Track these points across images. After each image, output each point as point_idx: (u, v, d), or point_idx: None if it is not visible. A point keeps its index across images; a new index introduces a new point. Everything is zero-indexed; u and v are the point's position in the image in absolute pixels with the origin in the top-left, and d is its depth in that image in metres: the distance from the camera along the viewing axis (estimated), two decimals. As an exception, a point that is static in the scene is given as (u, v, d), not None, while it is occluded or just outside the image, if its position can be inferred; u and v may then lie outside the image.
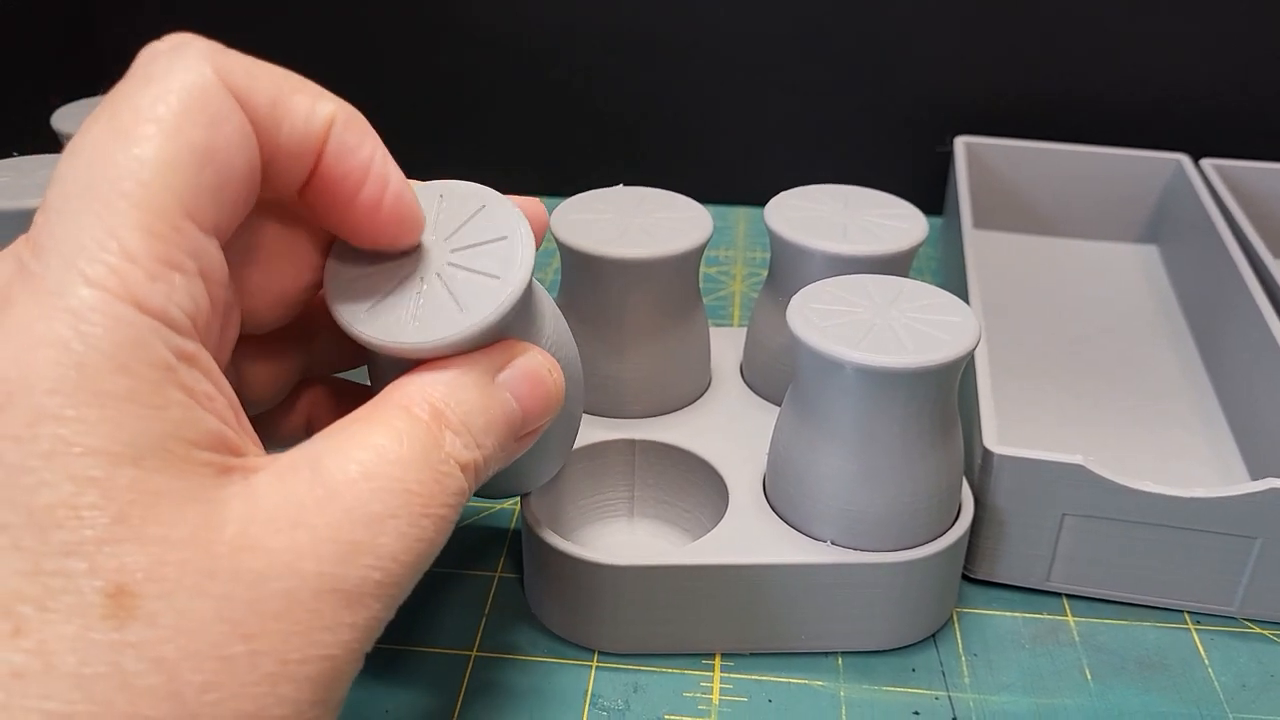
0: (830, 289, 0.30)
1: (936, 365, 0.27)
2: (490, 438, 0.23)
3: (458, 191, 0.25)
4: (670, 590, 0.30)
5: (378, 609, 0.20)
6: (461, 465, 0.22)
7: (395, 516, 0.20)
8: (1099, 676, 0.31)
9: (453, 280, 0.23)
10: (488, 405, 0.23)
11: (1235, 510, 0.31)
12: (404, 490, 0.21)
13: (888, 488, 0.29)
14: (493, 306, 0.23)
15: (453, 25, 0.55)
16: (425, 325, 0.23)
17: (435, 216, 0.25)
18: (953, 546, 0.30)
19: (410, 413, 0.22)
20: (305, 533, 0.19)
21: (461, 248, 0.24)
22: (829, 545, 0.30)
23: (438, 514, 0.21)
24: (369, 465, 0.21)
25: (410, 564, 0.21)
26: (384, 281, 0.24)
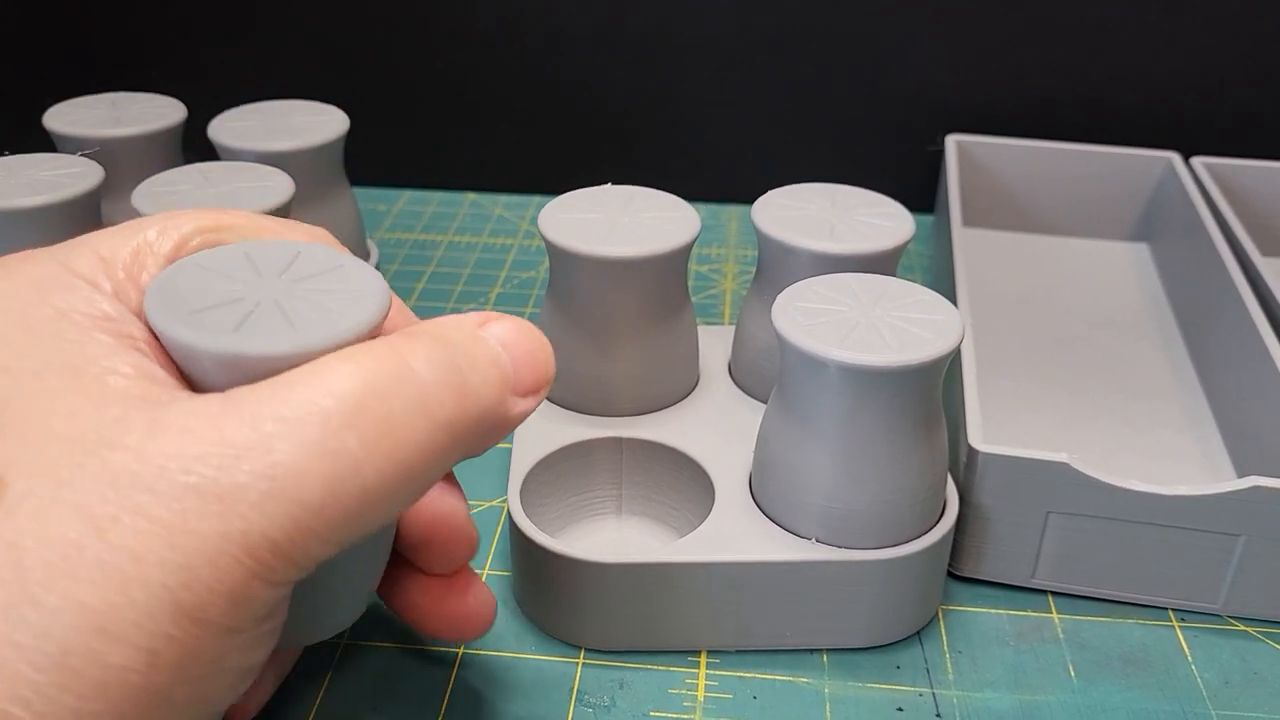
0: (815, 288, 0.30)
1: (919, 364, 0.27)
2: (475, 370, 0.21)
3: (319, 251, 0.23)
4: (656, 588, 0.30)
5: (262, 524, 0.18)
6: (431, 386, 0.20)
7: (303, 423, 0.19)
8: (1083, 673, 0.31)
9: (303, 302, 0.22)
10: (469, 343, 0.22)
11: (1219, 508, 0.31)
12: (326, 397, 0.19)
13: (872, 485, 0.29)
14: (372, 306, 0.21)
15: (441, 25, 0.56)
16: (299, 332, 0.20)
17: (289, 263, 0.23)
18: (937, 544, 0.30)
19: (373, 340, 0.21)
20: (188, 437, 0.19)
21: (311, 289, 0.22)
22: (814, 543, 0.30)
23: (372, 430, 0.19)
24: (292, 378, 0.19)
25: (318, 480, 0.19)
26: (220, 300, 0.21)
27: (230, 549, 0.18)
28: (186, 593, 0.18)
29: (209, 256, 0.23)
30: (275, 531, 0.19)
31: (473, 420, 0.21)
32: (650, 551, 0.31)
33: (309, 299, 0.21)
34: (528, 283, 0.51)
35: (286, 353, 0.20)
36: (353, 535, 0.20)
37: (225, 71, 0.57)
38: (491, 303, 0.49)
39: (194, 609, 0.18)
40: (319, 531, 0.19)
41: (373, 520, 0.20)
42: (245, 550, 0.18)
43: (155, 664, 0.18)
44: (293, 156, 0.41)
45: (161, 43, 0.57)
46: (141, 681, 0.18)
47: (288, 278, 0.22)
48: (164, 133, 0.43)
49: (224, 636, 0.19)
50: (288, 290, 0.22)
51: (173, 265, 0.22)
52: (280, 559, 0.19)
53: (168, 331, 0.20)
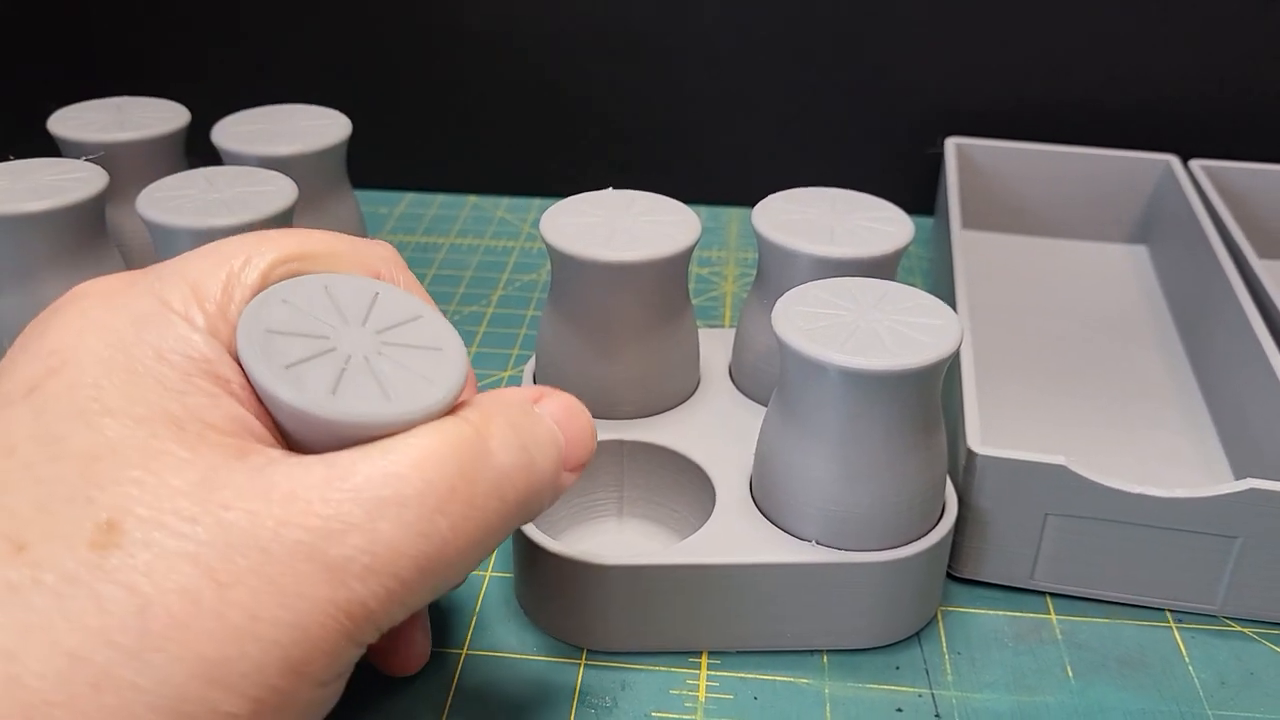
0: (815, 291, 0.31)
1: (918, 367, 0.28)
2: (540, 452, 0.23)
3: (396, 296, 0.25)
4: (657, 589, 0.30)
5: (363, 594, 0.20)
6: (507, 469, 0.22)
7: (404, 505, 0.20)
8: (1080, 674, 0.31)
9: (391, 362, 0.23)
10: (531, 422, 0.24)
11: (1216, 510, 0.31)
12: (422, 480, 0.21)
13: (871, 488, 0.29)
14: (455, 375, 0.23)
15: (442, 28, 0.56)
16: (393, 403, 0.22)
17: (369, 306, 0.24)
18: (936, 546, 0.31)
19: (454, 420, 0.22)
20: (299, 504, 0.20)
21: (394, 343, 0.23)
22: (814, 545, 0.30)
23: (460, 514, 0.21)
24: (392, 456, 0.21)
25: (411, 559, 0.20)
26: (313, 352, 0.22)
27: (336, 613, 0.20)
28: (295, 650, 0.19)
29: (292, 291, 0.23)
30: (372, 600, 0.20)
31: (534, 497, 0.23)
32: (651, 554, 0.31)
33: (396, 358, 0.23)
34: (529, 285, 0.51)
35: (384, 423, 0.21)
36: (428, 600, 0.22)
37: (228, 76, 0.58)
38: (493, 305, 0.49)
39: (299, 664, 0.19)
40: (405, 600, 0.21)
41: (445, 589, 0.22)
42: (347, 615, 0.20)
43: (258, 712, 0.19)
44: (296, 160, 0.41)
45: (165, 47, 0.57)
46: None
47: (371, 326, 0.23)
48: (167, 137, 0.43)
49: (316, 688, 0.20)
50: (374, 344, 0.23)
51: (258, 300, 0.23)
52: (371, 624, 0.21)
53: (270, 389, 0.21)
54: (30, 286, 0.36)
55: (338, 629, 0.20)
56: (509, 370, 0.45)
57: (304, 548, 0.19)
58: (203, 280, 0.23)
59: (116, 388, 0.21)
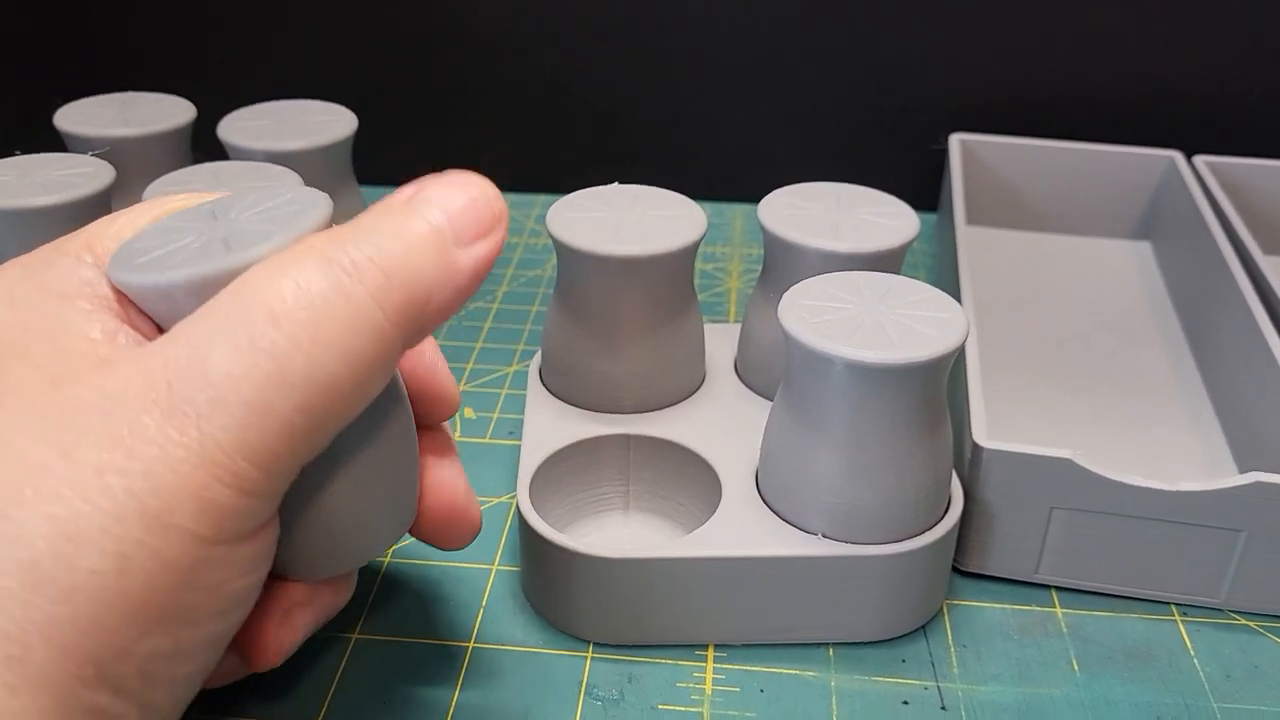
0: (821, 285, 0.31)
1: (924, 361, 0.28)
2: (396, 239, 0.21)
3: (273, 188, 0.24)
4: (663, 582, 0.30)
5: (217, 429, 0.19)
6: (346, 268, 0.21)
7: (231, 330, 0.20)
8: (1086, 667, 0.31)
9: (246, 231, 0.22)
10: (386, 215, 0.22)
11: (1221, 503, 0.31)
12: (245, 302, 0.20)
13: (877, 481, 0.29)
14: (303, 225, 0.22)
15: (447, 23, 0.56)
16: (228, 255, 0.21)
17: (246, 205, 0.23)
18: (942, 539, 0.31)
19: (293, 248, 0.21)
20: (137, 369, 0.20)
21: (254, 214, 0.23)
22: (820, 538, 0.30)
23: (294, 322, 0.20)
24: (222, 296, 0.21)
25: (255, 380, 0.20)
26: (172, 246, 0.23)
27: (187, 455, 0.19)
28: (152, 498, 0.19)
29: (179, 215, 0.24)
30: (223, 434, 0.20)
31: (412, 286, 0.21)
32: (657, 547, 0.32)
33: (251, 226, 0.22)
34: (534, 281, 0.51)
35: (216, 272, 0.21)
36: (314, 436, 0.21)
37: (234, 71, 0.58)
38: (499, 301, 0.49)
39: (160, 513, 0.19)
40: (273, 430, 0.20)
41: (330, 418, 0.21)
42: (201, 455, 0.19)
43: (126, 569, 0.19)
44: (302, 156, 0.41)
45: (171, 43, 0.57)
46: (114, 585, 0.19)
47: (236, 213, 0.23)
48: (174, 133, 0.43)
49: (197, 545, 0.20)
50: (232, 225, 0.22)
51: (144, 229, 0.24)
52: (240, 461, 0.20)
53: (114, 278, 0.22)
54: (37, 281, 0.36)
55: (198, 472, 0.19)
56: (514, 365, 0.45)
57: (145, 400, 0.20)
58: (100, 228, 0.24)
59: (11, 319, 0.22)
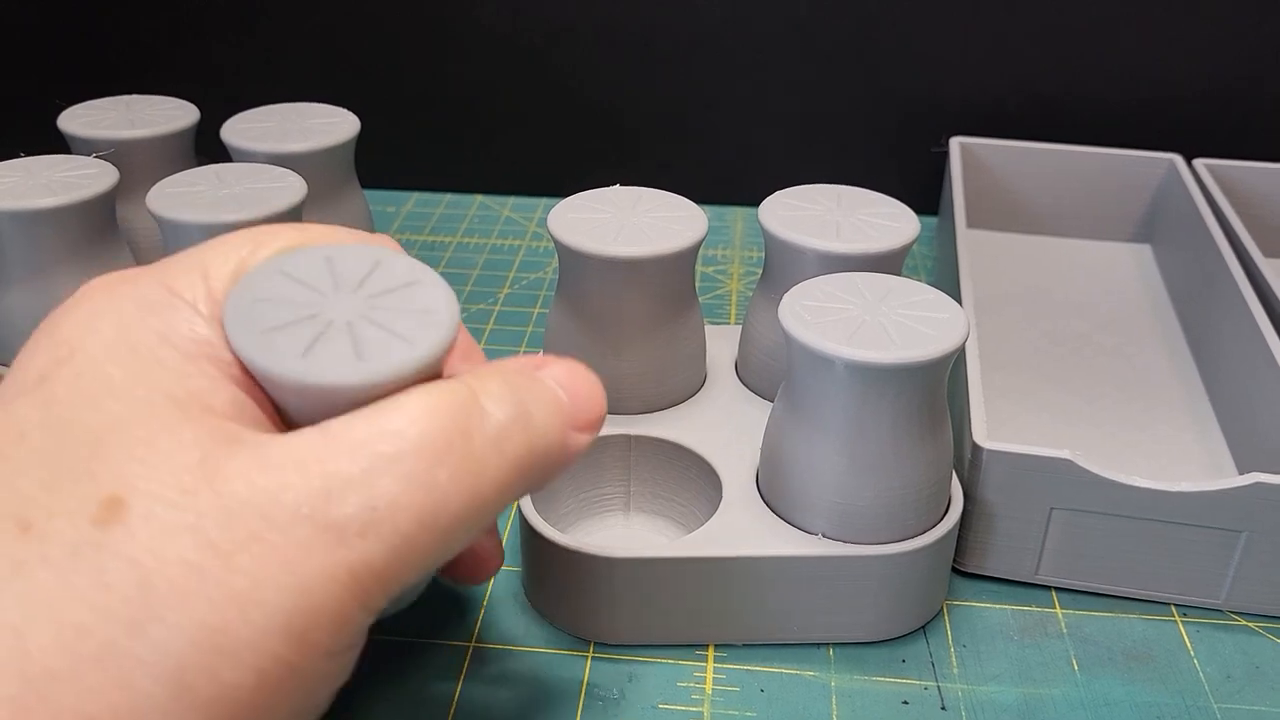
0: (822, 286, 0.31)
1: (926, 361, 0.28)
2: (539, 409, 0.23)
3: (399, 263, 0.24)
4: (664, 582, 0.30)
5: (366, 553, 0.20)
6: (504, 423, 0.22)
7: (400, 459, 0.20)
8: (1085, 667, 0.31)
9: (374, 325, 0.22)
10: (529, 384, 0.23)
11: (1221, 504, 0.31)
12: (418, 434, 0.20)
13: (878, 481, 0.29)
14: (437, 338, 0.21)
15: (450, 27, 0.56)
16: (365, 362, 0.21)
17: (366, 274, 0.23)
18: (942, 539, 0.31)
19: (446, 382, 0.22)
20: (295, 470, 0.20)
21: (383, 308, 0.22)
22: (820, 538, 0.30)
23: (459, 467, 0.21)
24: (386, 414, 0.21)
25: (413, 513, 0.20)
26: (293, 318, 0.22)
27: (339, 575, 0.20)
28: (299, 616, 0.19)
29: (290, 262, 0.23)
30: (377, 560, 0.20)
31: (540, 456, 0.23)
32: (658, 547, 0.32)
33: (381, 322, 0.22)
34: (535, 283, 0.51)
35: (353, 384, 0.21)
36: (436, 562, 0.21)
37: (237, 74, 0.58)
38: (500, 303, 0.50)
39: (303, 631, 0.19)
40: (411, 560, 0.20)
41: (452, 548, 0.22)
42: (351, 576, 0.20)
43: (262, 683, 0.19)
44: (304, 158, 0.41)
45: (174, 45, 0.58)
46: (247, 699, 0.19)
47: (365, 292, 0.22)
48: (177, 135, 0.43)
49: (323, 659, 0.20)
50: (362, 309, 0.22)
51: (255, 270, 0.23)
52: (378, 585, 0.20)
53: (242, 352, 0.21)
54: (42, 282, 0.37)
55: (343, 592, 0.20)
56: (516, 367, 0.45)
57: (304, 510, 0.19)
58: (210, 268, 0.23)
59: (121, 371, 0.21)
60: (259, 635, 0.19)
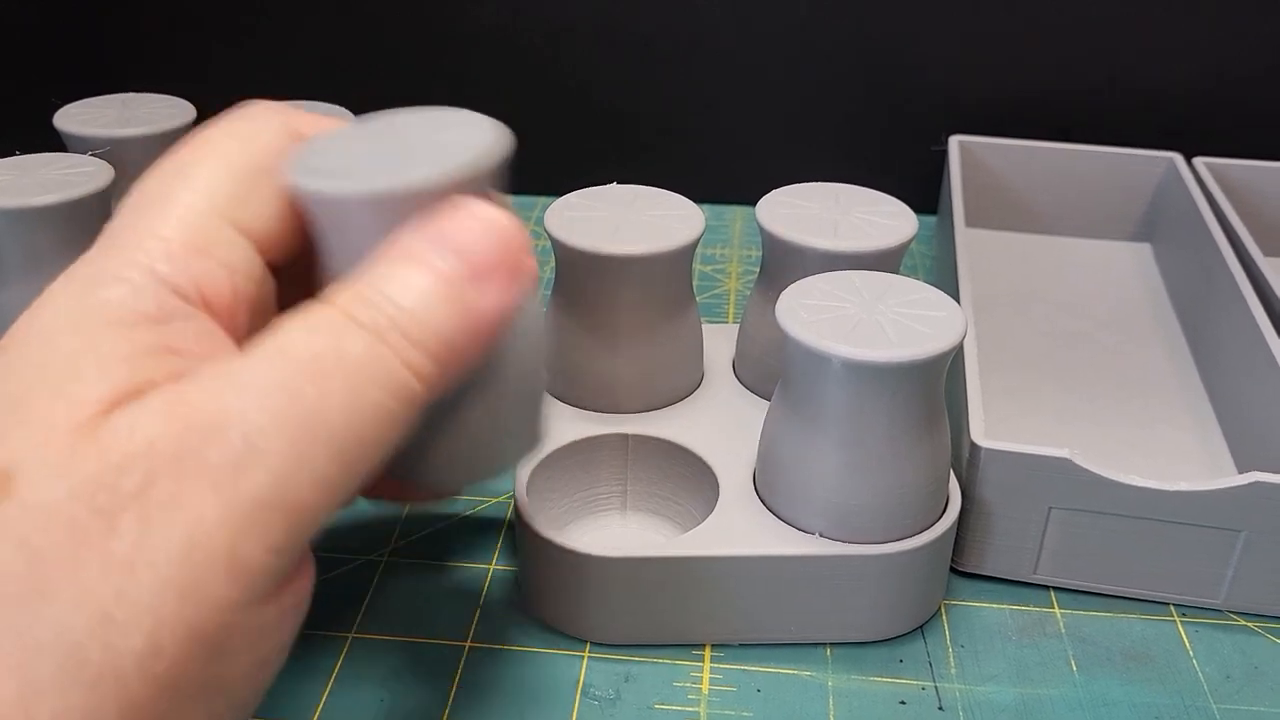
0: (819, 285, 0.31)
1: (923, 359, 0.28)
2: (410, 296, 0.21)
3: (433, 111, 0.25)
4: (661, 582, 0.30)
5: (250, 489, 0.19)
6: (376, 326, 0.21)
7: (268, 394, 0.19)
8: (1084, 667, 0.31)
9: (429, 147, 0.22)
10: (406, 276, 0.21)
11: (1220, 503, 0.31)
12: (280, 354, 0.20)
13: (876, 480, 0.29)
14: (474, 153, 0.22)
15: (446, 25, 0.56)
16: (396, 172, 0.21)
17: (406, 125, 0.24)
18: (941, 538, 0.31)
19: (316, 312, 0.21)
20: (173, 415, 0.19)
21: (428, 137, 0.23)
22: (818, 537, 0.30)
23: (329, 385, 0.20)
24: (261, 348, 0.20)
25: (287, 438, 0.19)
26: (350, 156, 0.22)
27: (225, 518, 0.19)
28: (190, 569, 0.18)
29: (330, 138, 0.24)
30: (262, 494, 0.19)
31: (440, 353, 0.21)
32: (655, 546, 0.31)
33: (432, 139, 0.23)
34: (533, 282, 0.51)
35: (432, 183, 0.21)
36: (344, 488, 0.20)
37: (233, 72, 0.58)
38: (497, 302, 0.49)
39: (198, 585, 0.18)
40: (300, 487, 0.19)
41: (360, 469, 0.20)
42: (238, 517, 0.19)
43: (166, 649, 0.18)
44: (301, 156, 0.41)
45: (170, 43, 0.57)
46: (155, 667, 0.18)
47: (408, 134, 0.23)
48: (173, 133, 0.43)
49: (236, 612, 0.19)
50: (407, 143, 0.23)
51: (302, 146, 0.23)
52: (273, 520, 0.19)
53: (301, 185, 0.22)
54: (37, 281, 0.36)
55: (234, 536, 0.19)
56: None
57: (178, 456, 0.19)
58: (170, 229, 0.22)
59: (44, 343, 0.20)
60: (151, 597, 0.18)
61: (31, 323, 0.21)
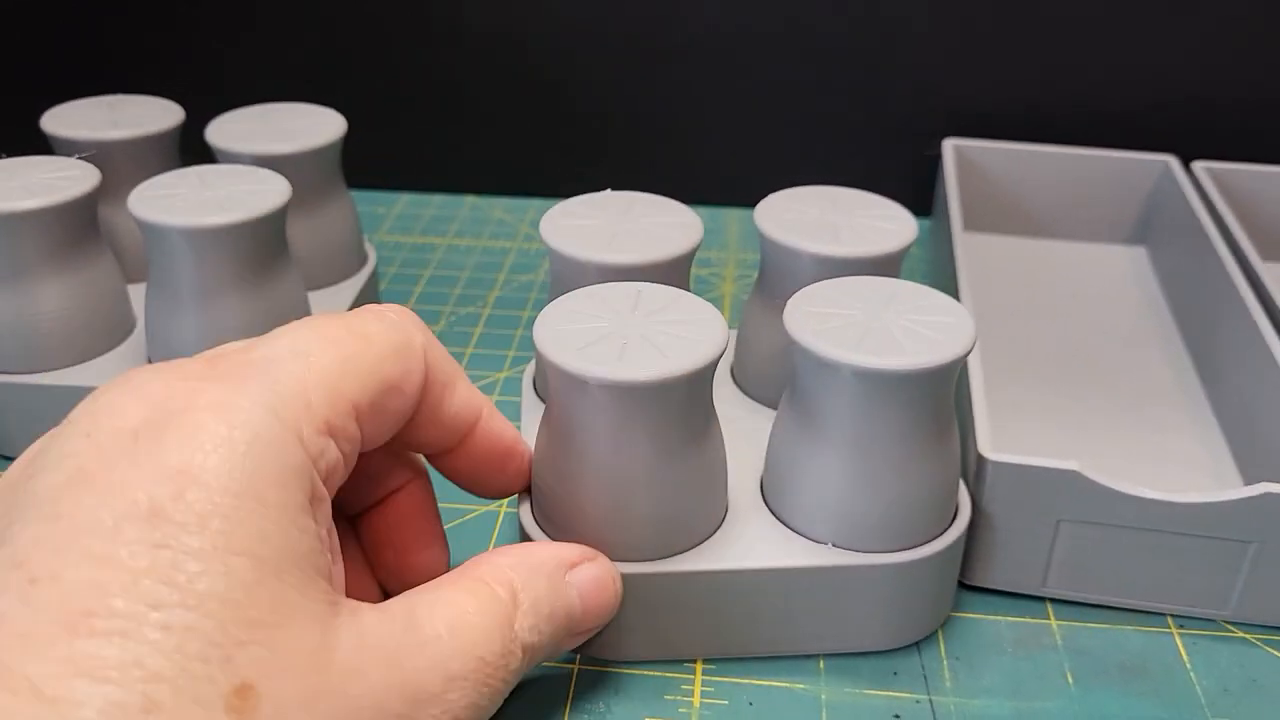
0: (825, 291, 0.30)
1: (935, 366, 0.27)
2: (550, 627, 0.26)
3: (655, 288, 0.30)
4: (668, 595, 0.30)
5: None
6: (523, 646, 0.25)
7: (465, 679, 0.24)
8: (1080, 680, 0.31)
9: (657, 339, 0.28)
10: (555, 598, 0.27)
11: (1231, 515, 0.31)
12: (477, 657, 0.24)
13: (888, 489, 0.29)
14: (707, 350, 0.27)
15: (439, 27, 0.55)
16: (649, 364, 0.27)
17: (636, 299, 0.30)
18: (951, 546, 0.30)
19: (492, 589, 0.26)
20: (397, 673, 0.23)
21: (660, 320, 0.29)
22: (830, 547, 0.30)
23: (495, 685, 0.25)
24: (454, 627, 0.24)
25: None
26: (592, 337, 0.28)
27: None
28: None
29: (570, 300, 0.30)
30: None
31: (531, 662, 0.26)
32: (664, 560, 0.31)
33: (667, 331, 0.28)
34: (526, 285, 0.51)
35: (663, 376, 0.27)
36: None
37: (222, 74, 0.57)
38: (490, 306, 0.49)
39: None
40: None
41: None
42: None
43: None
44: (290, 159, 0.41)
45: (159, 45, 0.57)
46: None
47: (640, 312, 0.29)
48: (161, 135, 0.43)
49: None
50: (645, 326, 0.28)
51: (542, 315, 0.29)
52: None
53: (570, 369, 0.27)
54: (23, 285, 0.36)
55: None
56: (505, 371, 0.44)
57: (402, 716, 0.23)
58: (312, 395, 0.23)
59: (244, 522, 0.21)
60: None
61: (210, 478, 0.21)
